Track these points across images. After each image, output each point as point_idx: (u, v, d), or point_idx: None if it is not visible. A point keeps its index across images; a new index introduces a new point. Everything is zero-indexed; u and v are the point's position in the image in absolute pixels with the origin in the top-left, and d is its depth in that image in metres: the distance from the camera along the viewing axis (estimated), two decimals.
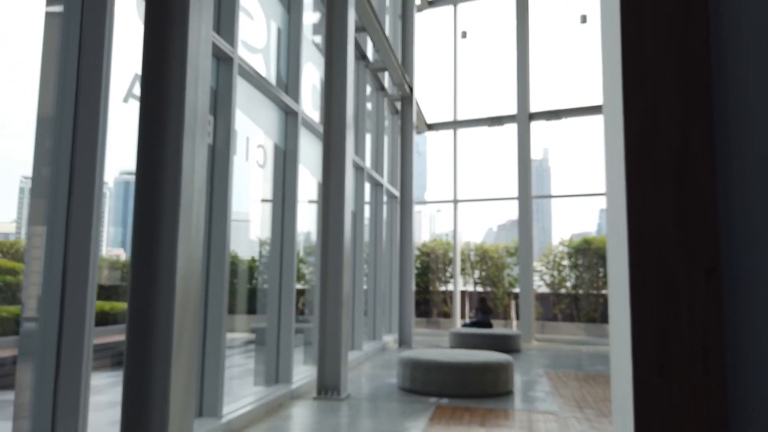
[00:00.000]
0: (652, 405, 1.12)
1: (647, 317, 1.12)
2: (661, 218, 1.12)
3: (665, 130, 1.14)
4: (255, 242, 6.90)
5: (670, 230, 1.11)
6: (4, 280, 9.22)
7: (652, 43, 1.18)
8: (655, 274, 1.12)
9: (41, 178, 3.31)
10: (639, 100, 1.18)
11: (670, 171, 1.12)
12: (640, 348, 1.13)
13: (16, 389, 3.27)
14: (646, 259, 1.12)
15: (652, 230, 1.12)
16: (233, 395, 5.45)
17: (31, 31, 3.35)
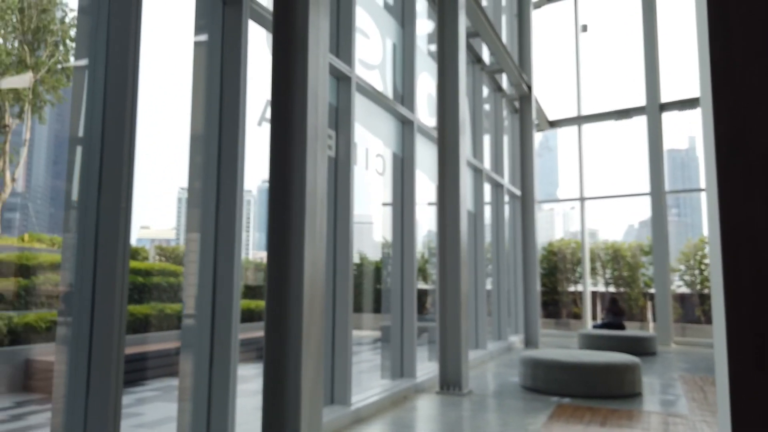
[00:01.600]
0: (748, 400, 1.16)
1: (742, 313, 1.16)
2: (755, 216, 1.13)
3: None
4: (378, 244, 7.34)
5: (763, 226, 1.12)
6: (168, 281, 10.55)
7: (741, 46, 1.24)
8: (749, 269, 1.13)
9: (194, 189, 3.92)
10: (728, 100, 1.21)
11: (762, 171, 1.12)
12: (736, 343, 1.18)
13: (179, 376, 3.89)
14: (740, 255, 1.14)
15: (745, 227, 1.14)
16: (362, 387, 5.88)
17: (183, 58, 3.97)
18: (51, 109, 20.12)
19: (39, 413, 6.28)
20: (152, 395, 7.13)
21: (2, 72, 17.75)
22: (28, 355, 7.68)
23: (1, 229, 18.43)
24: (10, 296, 10.28)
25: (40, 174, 22.86)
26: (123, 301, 2.92)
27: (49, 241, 18.24)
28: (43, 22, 19.24)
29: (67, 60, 19.37)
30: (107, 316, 2.91)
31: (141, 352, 8.41)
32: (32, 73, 18.20)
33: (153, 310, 9.78)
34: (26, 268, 11.31)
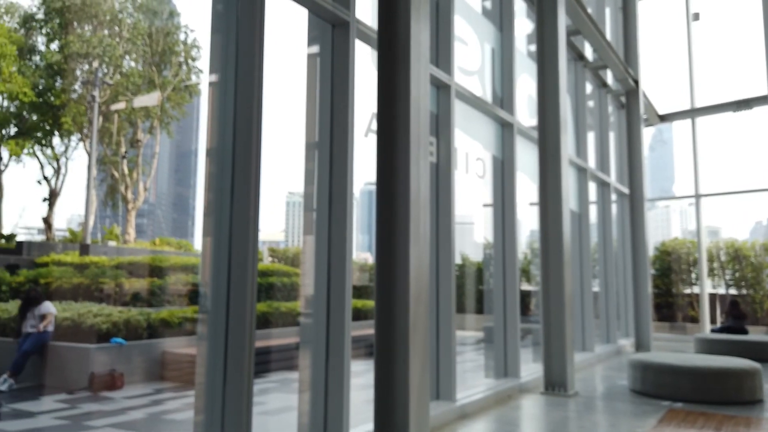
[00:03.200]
0: None
1: None
2: None
3: None
4: (480, 245, 7.47)
5: None
6: (282, 281, 11.27)
7: None
8: None
9: (309, 194, 4.29)
10: None
11: None
12: None
13: (299, 369, 4.26)
14: None
15: None
16: (466, 384, 6.04)
17: (297, 69, 4.36)
18: (175, 124, 22.09)
19: (175, 399, 7.04)
20: (272, 386, 7.72)
21: (134, 92, 19.75)
22: (164, 348, 8.57)
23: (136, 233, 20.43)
24: (147, 295, 11.45)
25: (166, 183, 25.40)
26: (253, 299, 3.31)
27: (177, 244, 20.00)
28: (169, 44, 21.27)
29: (189, 78, 21.06)
30: (240, 312, 3.31)
31: (260, 346, 9.09)
32: (160, 92, 20.15)
33: (270, 308, 10.51)
34: (159, 269, 12.52)
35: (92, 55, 19.73)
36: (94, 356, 7.73)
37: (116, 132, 20.48)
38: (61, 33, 20.08)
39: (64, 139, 20.44)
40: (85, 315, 8.66)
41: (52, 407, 6.46)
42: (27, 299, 8.68)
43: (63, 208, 34.66)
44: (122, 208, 21.27)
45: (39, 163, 20.35)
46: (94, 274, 11.69)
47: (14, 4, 20.38)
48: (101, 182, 21.51)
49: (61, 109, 19.40)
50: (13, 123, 19.14)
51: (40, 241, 17.58)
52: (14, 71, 18.25)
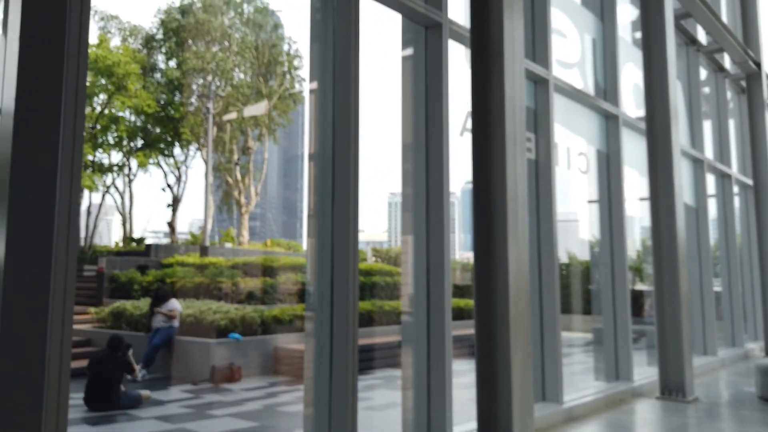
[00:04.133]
0: None
1: None
2: None
3: None
4: (586, 243, 7.20)
5: None
6: (385, 280, 11.52)
7: None
8: None
9: (406, 195, 4.38)
10: None
11: None
12: None
13: (402, 367, 4.36)
14: None
15: None
16: (574, 387, 5.87)
17: (393, 71, 4.46)
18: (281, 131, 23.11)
19: (287, 393, 7.42)
20: (378, 383, 7.91)
21: (244, 102, 20.89)
22: (277, 344, 9.04)
23: (249, 235, 21.63)
24: (260, 293, 12.11)
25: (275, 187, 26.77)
26: (355, 297, 3.44)
27: (286, 245, 20.97)
28: (273, 55, 22.25)
29: (293, 87, 21.89)
30: (343, 310, 3.45)
31: (364, 344, 9.34)
32: (267, 101, 21.15)
33: (374, 306, 10.77)
34: (271, 269, 13.19)
35: (206, 70, 21.17)
36: (214, 350, 8.32)
37: (229, 141, 21.82)
38: (178, 51, 21.72)
39: (184, 149, 22.09)
40: (206, 312, 9.33)
41: (178, 396, 7.04)
42: (155, 297, 9.50)
43: (185, 212, 37.45)
44: (236, 211, 22.63)
45: (163, 172, 22.15)
46: (212, 273, 12.53)
47: (137, 27, 22.31)
48: (217, 188, 23.01)
49: (180, 122, 20.99)
50: (139, 136, 20.96)
51: (165, 244, 19.09)
52: (139, 88, 19.97)
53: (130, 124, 20.61)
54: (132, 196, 21.72)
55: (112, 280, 12.90)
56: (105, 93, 19.50)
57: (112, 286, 12.78)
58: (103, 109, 19.59)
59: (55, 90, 2.17)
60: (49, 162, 2.12)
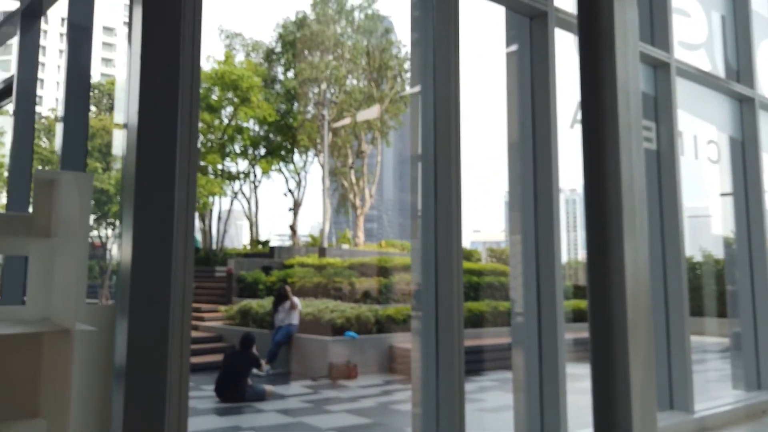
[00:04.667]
0: None
1: None
2: None
3: None
4: (720, 239, 6.60)
5: None
6: (499, 280, 11.32)
7: None
8: None
9: (514, 193, 4.26)
10: None
11: None
12: None
13: (513, 369, 4.26)
14: None
15: None
16: (709, 395, 5.40)
17: (498, 65, 4.36)
18: (394, 133, 23.47)
19: (401, 391, 7.50)
20: (491, 385, 7.77)
21: (357, 107, 21.41)
22: (391, 342, 9.18)
23: (365, 237, 22.17)
24: (375, 293, 12.37)
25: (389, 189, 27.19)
26: (459, 297, 3.40)
27: (400, 246, 21.25)
28: (384, 60, 22.63)
29: (403, 90, 22.29)
30: (448, 311, 3.43)
31: (480, 345, 9.22)
32: (379, 105, 21.55)
33: (488, 307, 10.60)
34: (385, 269, 13.44)
35: (321, 79, 22.00)
36: (331, 348, 8.61)
37: (344, 145, 22.51)
38: (295, 62, 22.77)
39: (302, 155, 23.10)
40: (324, 310, 9.69)
41: (298, 391, 7.38)
42: (278, 296, 10.03)
43: (305, 215, 39.11)
44: (352, 214, 23.28)
45: (284, 177, 23.31)
46: (330, 274, 12.98)
47: (258, 42, 23.69)
48: (334, 191, 23.81)
49: (298, 129, 21.98)
50: (262, 145, 22.21)
51: (287, 246, 20.05)
52: (261, 99, 21.18)
53: (253, 134, 21.89)
54: (257, 202, 23.08)
55: (239, 281, 13.78)
56: (231, 105, 20.89)
57: (240, 285, 13.64)
58: (229, 120, 21.00)
59: (172, 105, 2.34)
60: (168, 171, 2.30)
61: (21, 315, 1.87)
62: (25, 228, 1.88)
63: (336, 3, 23.20)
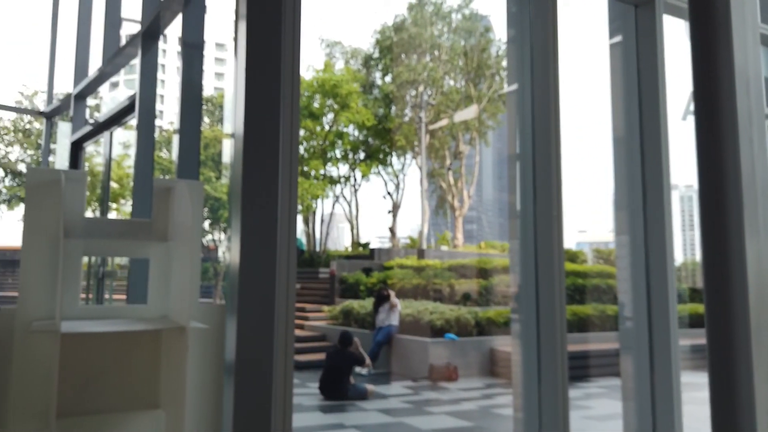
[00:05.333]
0: None
1: None
2: None
3: None
4: None
5: None
6: (606, 283, 10.81)
7: None
8: None
9: (620, 191, 4.04)
10: None
11: None
12: None
13: (621, 376, 4.04)
14: None
15: None
16: None
17: (600, 62, 4.16)
18: (492, 133, 23.26)
19: (503, 395, 7.36)
20: (599, 392, 7.43)
21: (454, 108, 21.32)
22: (491, 345, 9.03)
23: (464, 238, 22.03)
24: (475, 294, 12.24)
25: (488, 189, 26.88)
26: (561, 300, 3.29)
27: (500, 248, 20.86)
28: (482, 59, 22.37)
29: (501, 88, 21.92)
30: (549, 314, 3.33)
31: (586, 350, 8.84)
32: (476, 105, 21.33)
33: (594, 310, 10.14)
34: (484, 270, 13.27)
35: (418, 81, 22.11)
36: (431, 349, 8.62)
37: (441, 147, 22.46)
38: (392, 66, 23.05)
39: (400, 158, 23.33)
40: (423, 312, 9.72)
41: (399, 392, 7.45)
42: (378, 297, 10.18)
43: (404, 218, 39.50)
44: (451, 215, 23.17)
45: (383, 180, 23.65)
46: (429, 275, 12.99)
47: (357, 49, 24.22)
48: (432, 193, 23.83)
49: (396, 132, 22.22)
50: (361, 149, 22.68)
51: (387, 248, 20.31)
52: (360, 105, 21.64)
53: (353, 139, 22.41)
54: (357, 205, 23.59)
55: (341, 282, 14.13)
56: (332, 112, 21.51)
57: (342, 286, 13.99)
58: (330, 126, 21.63)
59: (274, 114, 2.46)
60: (272, 177, 2.41)
61: (143, 313, 2.04)
62: (146, 232, 2.04)
63: (433, 5, 23.23)
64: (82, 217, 1.86)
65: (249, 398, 2.19)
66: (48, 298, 1.77)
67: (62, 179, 1.78)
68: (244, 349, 2.22)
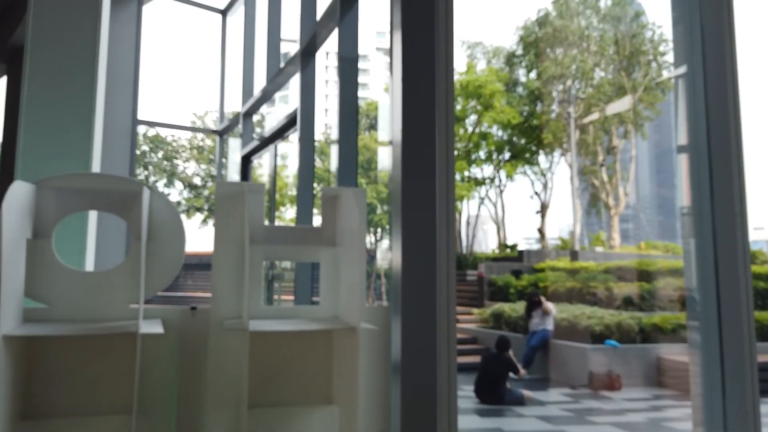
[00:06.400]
0: None
1: None
2: None
3: None
4: None
5: None
6: None
7: None
8: None
9: None
10: None
11: None
12: None
13: None
14: None
15: None
16: None
17: None
18: (650, 124, 21.63)
19: (674, 408, 6.77)
20: None
21: (606, 101, 20.22)
22: (658, 353, 8.36)
23: (621, 238, 20.79)
24: (636, 299, 11.44)
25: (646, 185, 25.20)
26: (749, 306, 2.96)
27: (663, 248, 19.36)
28: (635, 46, 21.03)
29: (660, 75, 20.35)
30: (734, 321, 3.00)
31: None
32: (630, 96, 20.08)
33: None
34: (647, 273, 12.37)
35: (565, 75, 21.20)
36: (590, 356, 8.19)
37: (592, 142, 21.31)
38: (536, 62, 22.36)
39: (548, 156, 22.52)
40: (579, 317, 9.28)
41: (557, 399, 7.16)
42: (530, 301, 9.91)
43: (552, 218, 38.13)
44: (605, 214, 21.87)
45: (529, 180, 22.98)
46: (584, 278, 12.39)
47: (499, 48, 23.83)
48: (583, 191, 22.69)
49: (543, 130, 21.49)
50: (506, 149, 22.25)
51: (536, 250, 19.72)
52: (504, 104, 21.26)
53: (497, 139, 22.08)
54: (503, 206, 23.16)
55: (490, 284, 13.97)
56: (475, 113, 21.38)
57: (491, 289, 13.83)
58: (474, 128, 21.50)
59: (429, 120, 2.50)
60: (429, 182, 2.45)
61: (316, 313, 2.17)
62: (316, 238, 2.18)
63: None
64: (262, 224, 2.02)
65: (415, 398, 2.24)
66: (236, 299, 1.95)
67: (245, 191, 1.95)
68: (408, 349, 2.27)
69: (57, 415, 1.73)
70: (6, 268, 1.53)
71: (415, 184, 2.50)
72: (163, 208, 1.87)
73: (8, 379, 1.53)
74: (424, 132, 2.54)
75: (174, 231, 1.88)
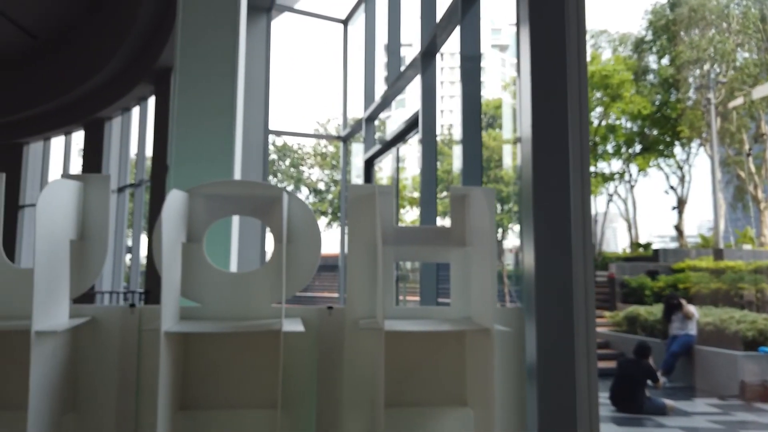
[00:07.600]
0: None
1: None
2: None
3: None
4: None
5: None
6: None
7: None
8: None
9: None
10: None
11: None
12: None
13: None
14: None
15: None
16: None
17: None
18: None
19: None
20: None
21: (751, 84, 18.45)
22: None
23: None
24: None
25: None
26: None
27: None
28: None
29: None
30: None
31: None
32: None
33: None
34: None
35: (703, 59, 19.52)
36: (742, 364, 7.49)
37: (737, 130, 19.43)
38: (669, 47, 20.80)
39: (685, 147, 20.88)
40: (727, 321, 8.51)
41: (704, 410, 6.61)
42: (669, 304, 9.22)
43: (691, 214, 35.22)
44: (753, 208, 19.83)
45: (664, 174, 21.43)
46: (731, 279, 11.35)
47: (625, 35, 22.47)
48: (727, 184, 20.77)
49: (679, 119, 19.95)
50: (636, 141, 20.92)
51: (674, 249, 18.35)
52: (633, 93, 20.00)
53: (626, 131, 20.85)
54: (634, 202, 21.80)
55: (622, 285, 13.20)
56: (601, 105, 20.34)
57: (623, 291, 13.07)
58: (600, 121, 20.45)
59: (561, 115, 2.40)
60: (562, 179, 2.36)
61: (447, 314, 2.16)
62: (446, 238, 2.17)
63: None
64: (392, 226, 2.05)
65: (553, 403, 2.16)
66: (369, 299, 1.99)
67: (376, 193, 1.99)
68: (544, 353, 2.20)
69: (210, 407, 1.86)
70: (165, 271, 1.67)
71: (548, 181, 2.42)
72: (301, 212, 1.96)
73: (169, 372, 1.67)
74: (556, 127, 2.44)
75: (311, 234, 1.96)
